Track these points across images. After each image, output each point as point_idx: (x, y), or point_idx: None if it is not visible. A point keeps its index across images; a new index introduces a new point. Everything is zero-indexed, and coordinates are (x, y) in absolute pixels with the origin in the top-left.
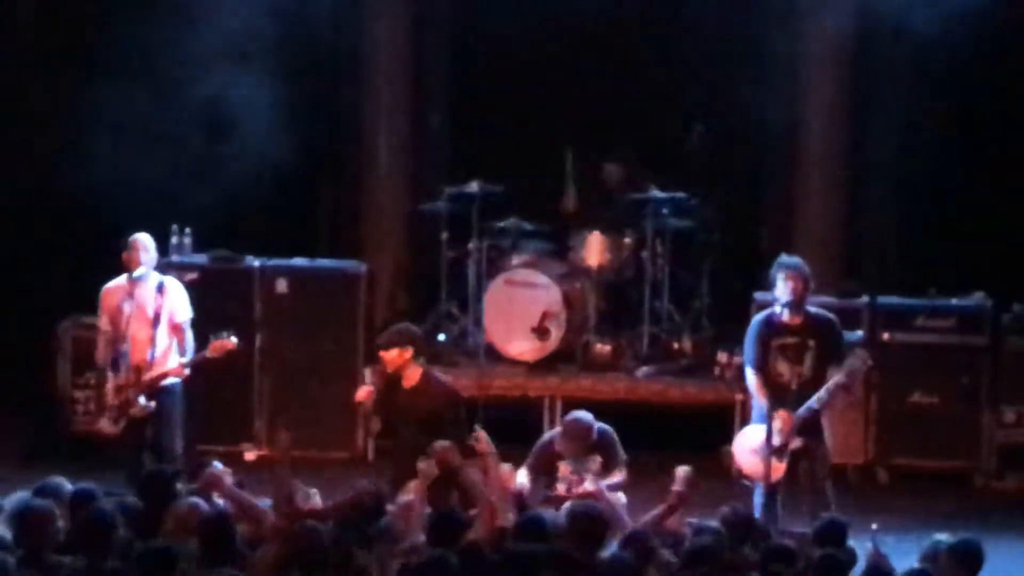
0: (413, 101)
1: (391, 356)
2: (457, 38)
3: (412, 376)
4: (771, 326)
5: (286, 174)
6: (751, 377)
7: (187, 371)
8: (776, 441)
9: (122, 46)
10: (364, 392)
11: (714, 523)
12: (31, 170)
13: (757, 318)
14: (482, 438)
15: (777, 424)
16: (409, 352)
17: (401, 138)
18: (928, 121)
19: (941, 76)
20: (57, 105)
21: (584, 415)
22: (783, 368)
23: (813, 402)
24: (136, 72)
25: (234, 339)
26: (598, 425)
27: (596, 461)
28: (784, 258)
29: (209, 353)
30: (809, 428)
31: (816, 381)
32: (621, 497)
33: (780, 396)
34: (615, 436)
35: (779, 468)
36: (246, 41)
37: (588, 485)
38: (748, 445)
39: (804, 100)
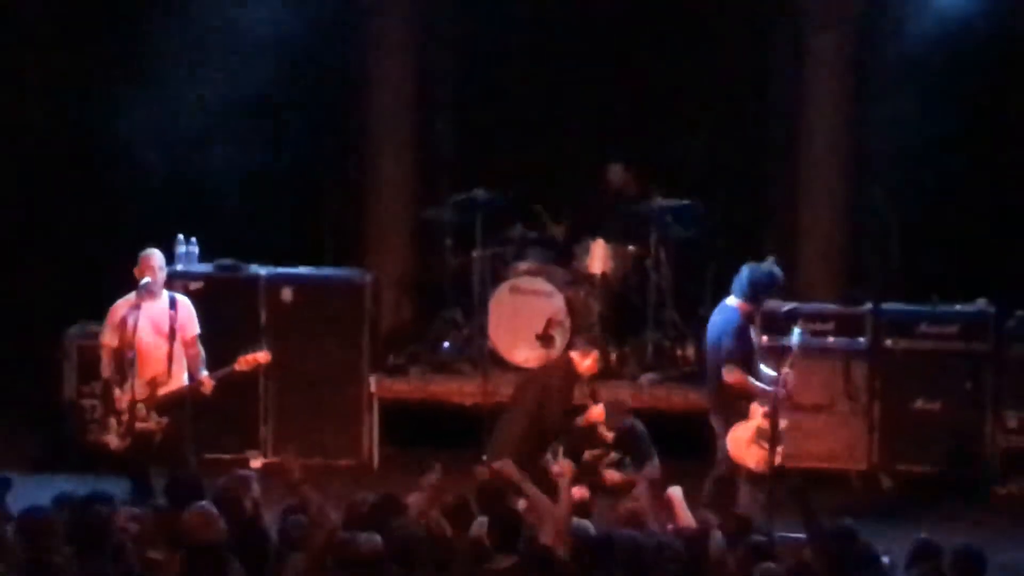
0: (417, 109)
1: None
2: (461, 47)
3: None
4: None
5: (291, 183)
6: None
7: (214, 383)
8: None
9: (127, 56)
10: (567, 466)
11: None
12: (36, 178)
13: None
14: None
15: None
16: None
17: (405, 146)
18: (931, 128)
19: (944, 84)
20: (63, 115)
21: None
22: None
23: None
24: (140, 82)
25: (266, 352)
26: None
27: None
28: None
29: (238, 367)
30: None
31: None
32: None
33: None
34: (642, 432)
35: (781, 452)
36: (251, 51)
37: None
38: (744, 438)
39: (806, 107)
